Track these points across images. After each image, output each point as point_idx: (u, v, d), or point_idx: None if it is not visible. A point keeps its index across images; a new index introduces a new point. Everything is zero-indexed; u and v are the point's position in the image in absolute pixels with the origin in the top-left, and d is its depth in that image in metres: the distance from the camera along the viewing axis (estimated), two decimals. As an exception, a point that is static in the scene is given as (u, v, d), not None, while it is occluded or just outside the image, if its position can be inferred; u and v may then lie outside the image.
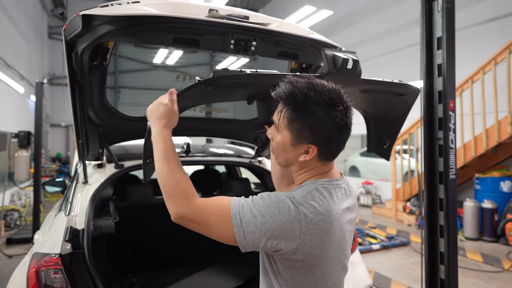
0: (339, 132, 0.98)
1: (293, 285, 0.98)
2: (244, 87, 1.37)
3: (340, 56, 1.26)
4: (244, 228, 0.91)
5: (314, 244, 0.94)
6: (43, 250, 1.65)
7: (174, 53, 2.40)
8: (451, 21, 2.13)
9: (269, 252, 0.96)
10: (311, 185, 0.99)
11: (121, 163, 2.31)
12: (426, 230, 2.25)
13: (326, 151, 1.01)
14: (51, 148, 14.61)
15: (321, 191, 0.98)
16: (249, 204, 0.94)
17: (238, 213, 0.93)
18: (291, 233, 0.91)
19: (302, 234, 0.92)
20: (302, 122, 0.97)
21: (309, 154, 1.00)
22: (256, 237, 0.91)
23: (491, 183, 6.01)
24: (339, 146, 1.02)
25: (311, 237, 0.93)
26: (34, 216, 5.03)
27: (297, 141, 1.00)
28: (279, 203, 0.93)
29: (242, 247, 0.93)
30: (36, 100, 5.00)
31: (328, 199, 0.98)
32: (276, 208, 0.92)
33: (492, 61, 5.68)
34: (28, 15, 11.02)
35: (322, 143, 0.98)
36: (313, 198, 0.96)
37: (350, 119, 1.00)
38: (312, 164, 1.03)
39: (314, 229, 0.93)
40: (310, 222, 0.92)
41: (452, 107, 2.15)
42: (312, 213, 0.93)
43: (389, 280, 4.14)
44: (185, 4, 1.43)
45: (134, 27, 1.36)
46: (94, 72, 1.67)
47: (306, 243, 0.93)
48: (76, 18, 1.31)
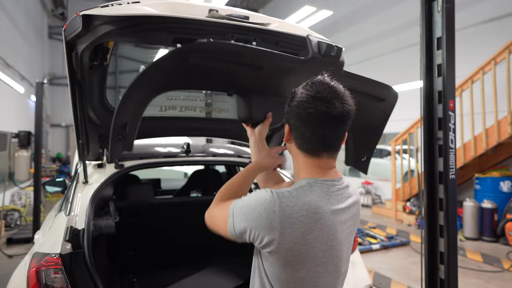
0: (306, 117, 1.00)
1: (280, 283, 0.99)
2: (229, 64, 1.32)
3: (324, 42, 1.27)
4: (234, 219, 1.00)
5: (295, 239, 0.94)
6: (44, 250, 1.65)
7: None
8: (451, 21, 2.13)
9: (255, 244, 1.00)
10: (303, 181, 1.02)
11: (121, 163, 2.31)
12: (426, 230, 2.25)
13: (297, 136, 1.05)
14: (51, 148, 14.61)
15: (311, 188, 0.99)
16: (243, 198, 1.03)
17: (233, 206, 1.02)
18: (268, 225, 0.94)
19: (281, 226, 0.93)
20: (287, 103, 1.09)
21: (285, 134, 1.10)
22: (242, 227, 0.98)
23: (491, 183, 6.01)
24: (309, 135, 1.01)
25: (291, 231, 0.94)
26: (34, 216, 5.03)
27: (285, 122, 1.12)
28: (259, 195, 0.99)
29: (233, 237, 1.01)
30: (36, 100, 5.00)
31: (317, 196, 0.98)
32: (255, 200, 0.98)
33: (492, 61, 5.68)
34: (28, 15, 11.02)
35: (291, 123, 1.06)
36: (298, 193, 0.97)
37: (322, 110, 0.98)
38: (296, 155, 1.09)
39: (294, 223, 0.94)
40: (290, 216, 0.94)
41: (452, 107, 2.16)
42: (293, 208, 0.94)
43: (389, 280, 4.14)
44: (185, 4, 1.44)
45: (134, 27, 1.36)
46: (94, 72, 1.67)
47: (285, 237, 0.93)
48: (76, 18, 1.31)
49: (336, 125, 1.00)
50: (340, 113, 0.99)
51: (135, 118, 1.52)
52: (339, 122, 1.00)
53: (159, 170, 4.54)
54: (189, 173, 4.12)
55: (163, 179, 4.52)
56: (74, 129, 1.89)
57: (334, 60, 1.27)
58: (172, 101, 2.41)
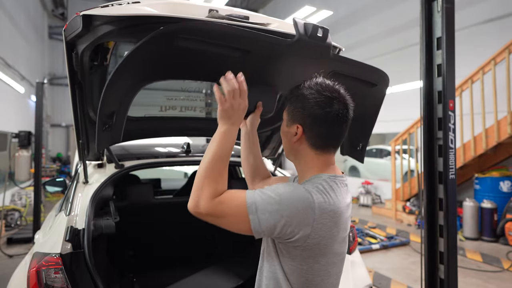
0: (325, 118, 1.05)
1: (297, 274, 1.02)
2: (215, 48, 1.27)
3: (310, 23, 1.26)
4: (260, 216, 0.95)
5: (324, 233, 0.99)
6: (44, 249, 1.66)
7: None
8: (450, 21, 2.13)
9: (281, 239, 0.99)
10: (318, 178, 1.05)
11: (121, 163, 2.32)
12: (425, 230, 2.25)
13: (311, 135, 1.08)
14: (52, 148, 14.61)
15: (329, 184, 1.03)
16: (264, 193, 0.98)
17: (253, 202, 0.96)
18: (305, 220, 0.96)
19: (315, 222, 0.97)
20: (295, 105, 1.10)
21: (297, 135, 1.09)
22: (271, 224, 0.95)
23: (491, 183, 6.02)
24: (326, 134, 1.08)
25: (323, 227, 0.98)
26: (35, 216, 5.03)
27: (289, 122, 1.12)
28: (294, 191, 0.98)
29: (257, 234, 0.97)
30: (37, 100, 5.00)
31: (336, 192, 1.04)
32: (291, 195, 0.97)
33: (492, 61, 5.68)
34: (29, 15, 11.02)
35: (306, 125, 1.07)
36: (322, 190, 1.01)
37: (341, 110, 1.06)
38: (306, 153, 1.10)
39: (326, 218, 0.99)
40: (323, 211, 0.98)
41: (451, 107, 2.16)
42: (324, 203, 0.99)
43: (389, 280, 4.14)
44: (185, 4, 1.44)
45: (135, 27, 1.36)
46: (95, 72, 1.67)
47: (317, 232, 0.98)
48: (76, 18, 1.31)
49: (346, 124, 1.10)
50: (348, 113, 1.09)
51: (122, 107, 1.50)
52: (347, 121, 1.10)
53: (159, 170, 4.55)
54: (189, 173, 4.12)
55: (163, 179, 4.52)
56: (74, 129, 1.90)
57: (321, 42, 1.27)
58: (172, 101, 2.41)
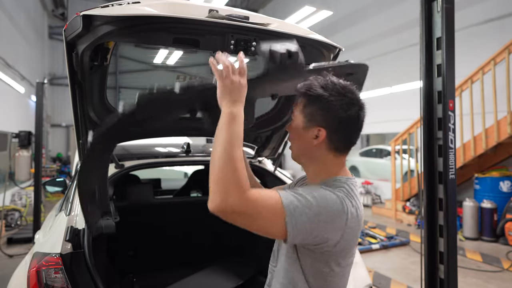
0: (349, 122, 1.04)
1: (318, 276, 1.01)
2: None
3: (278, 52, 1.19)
4: (297, 219, 0.90)
5: (351, 237, 1.00)
6: (44, 249, 1.66)
7: (174, 53, 2.40)
8: (450, 21, 2.13)
9: (311, 244, 0.96)
10: (339, 182, 1.03)
11: (121, 163, 2.32)
12: (425, 230, 2.25)
13: (335, 139, 1.04)
14: (52, 148, 14.61)
15: (350, 187, 1.03)
16: (299, 194, 0.95)
17: (290, 203, 0.92)
18: (339, 225, 0.95)
19: (346, 227, 0.97)
20: (315, 106, 1.04)
21: (319, 138, 1.04)
22: (307, 229, 0.92)
23: (491, 183, 6.02)
24: (348, 137, 1.07)
25: (351, 231, 0.98)
26: (35, 216, 5.03)
27: (308, 124, 1.05)
28: (327, 195, 0.96)
29: (291, 239, 0.92)
30: (37, 100, 5.01)
31: (357, 195, 1.04)
32: (326, 200, 0.95)
33: (492, 61, 5.68)
34: (29, 15, 11.02)
35: (330, 128, 1.03)
36: (347, 194, 1.00)
37: (362, 115, 1.06)
38: (324, 156, 1.07)
39: (353, 223, 0.99)
40: (352, 216, 0.98)
41: (451, 107, 2.16)
42: (352, 207, 0.99)
43: (388, 280, 4.14)
44: (185, 4, 1.44)
45: (135, 27, 1.36)
46: (95, 72, 1.67)
47: (346, 236, 0.97)
48: (76, 19, 1.31)
49: (362, 125, 1.08)
50: (364, 114, 1.08)
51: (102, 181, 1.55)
52: (363, 123, 1.08)
53: (159, 170, 4.54)
54: (189, 173, 4.12)
55: (163, 179, 4.52)
56: (74, 129, 1.90)
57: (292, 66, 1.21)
58: (172, 101, 2.41)
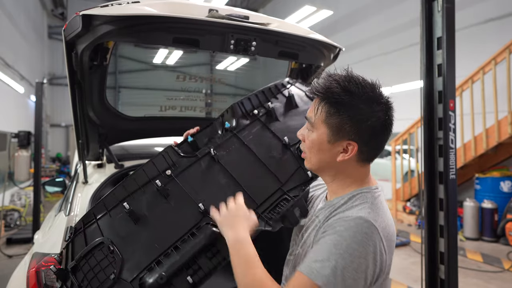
0: (381, 129, 0.90)
1: None
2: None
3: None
4: (345, 284, 0.79)
5: (390, 260, 0.89)
6: (43, 250, 1.65)
7: (174, 53, 2.40)
8: (451, 21, 2.13)
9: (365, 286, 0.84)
10: (367, 195, 0.92)
11: (121, 163, 2.31)
12: (426, 230, 2.25)
13: (366, 150, 0.92)
14: (51, 148, 14.60)
15: (379, 200, 0.93)
16: (329, 263, 0.80)
17: (330, 283, 0.79)
18: (381, 258, 0.84)
19: (386, 253, 0.86)
20: (342, 116, 0.88)
21: (348, 152, 0.90)
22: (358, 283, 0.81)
23: (491, 183, 6.01)
24: (380, 146, 0.94)
25: (390, 255, 0.88)
26: (34, 216, 5.02)
27: (335, 138, 0.91)
28: (356, 236, 0.81)
29: None
30: (36, 100, 5.00)
31: (386, 207, 0.93)
32: (357, 243, 0.81)
33: (492, 61, 5.68)
34: (28, 15, 11.02)
35: (363, 140, 0.89)
36: (381, 211, 0.89)
37: (392, 116, 0.92)
38: (350, 167, 0.94)
39: (390, 246, 0.88)
40: (387, 239, 0.87)
41: (452, 107, 2.15)
42: (385, 229, 0.87)
43: (389, 280, 4.14)
44: (185, 4, 1.44)
45: (134, 27, 1.36)
46: (94, 72, 1.67)
47: (387, 262, 0.87)
48: (76, 18, 1.31)
49: (392, 127, 0.94)
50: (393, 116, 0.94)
51: None
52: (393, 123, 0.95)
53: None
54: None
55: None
56: (74, 129, 1.89)
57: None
58: (172, 101, 2.41)
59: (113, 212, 1.20)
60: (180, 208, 1.21)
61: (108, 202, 1.23)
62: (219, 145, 1.36)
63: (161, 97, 2.43)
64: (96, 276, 1.08)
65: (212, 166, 1.31)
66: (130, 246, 1.14)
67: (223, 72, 2.74)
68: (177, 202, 1.22)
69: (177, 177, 1.27)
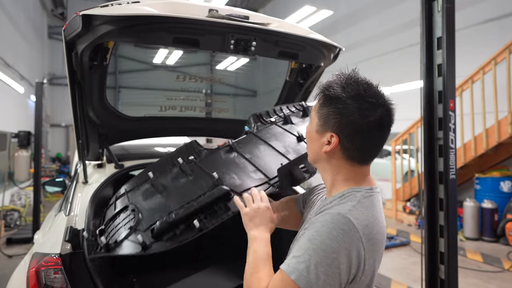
0: (367, 127, 0.89)
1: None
2: None
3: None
4: (317, 284, 0.81)
5: (374, 260, 0.88)
6: (43, 250, 1.65)
7: (174, 53, 2.40)
8: (451, 21, 2.13)
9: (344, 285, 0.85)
10: (356, 194, 0.92)
11: (121, 163, 2.31)
12: (426, 230, 2.25)
13: (349, 146, 0.92)
14: (51, 148, 14.60)
15: (369, 200, 0.92)
16: (304, 258, 0.83)
17: (302, 276, 0.82)
18: (359, 256, 0.84)
19: (366, 251, 0.85)
20: (330, 107, 0.92)
21: (331, 145, 0.92)
22: (332, 284, 0.82)
23: (491, 183, 6.01)
24: (366, 146, 0.93)
25: (373, 253, 0.88)
26: (34, 216, 5.03)
27: (322, 128, 0.95)
28: (331, 232, 0.83)
29: None
30: (36, 100, 5.00)
31: (378, 208, 0.93)
32: (331, 240, 0.82)
33: (492, 61, 5.68)
34: (28, 15, 11.02)
35: (344, 134, 0.90)
36: (366, 209, 0.89)
37: (386, 119, 0.91)
38: (339, 163, 0.95)
39: (374, 243, 0.88)
40: (369, 237, 0.86)
41: (452, 107, 2.15)
42: (368, 227, 0.87)
43: (389, 280, 4.14)
44: (185, 4, 1.44)
45: (134, 27, 1.36)
46: (94, 72, 1.67)
47: (369, 261, 0.87)
48: (76, 18, 1.31)
49: (388, 130, 0.94)
50: (391, 118, 0.93)
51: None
52: (390, 127, 0.94)
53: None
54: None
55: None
56: (74, 129, 1.89)
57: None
58: (172, 101, 2.41)
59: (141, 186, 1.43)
60: (197, 180, 1.37)
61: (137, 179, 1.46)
62: (238, 141, 1.56)
63: (161, 97, 2.43)
64: (117, 231, 1.25)
65: (230, 153, 1.50)
66: (150, 208, 1.29)
67: (223, 72, 2.74)
68: (196, 177, 1.38)
69: (198, 162, 1.46)
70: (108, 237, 1.25)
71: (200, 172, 1.39)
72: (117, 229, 1.26)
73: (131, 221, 1.26)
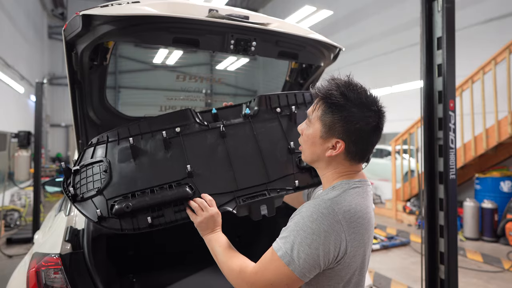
0: (369, 133, 0.99)
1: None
2: None
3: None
4: (298, 262, 0.90)
5: (358, 243, 0.95)
6: (43, 250, 1.65)
7: (174, 53, 2.40)
8: (451, 21, 2.13)
9: (324, 266, 0.93)
10: (345, 185, 1.00)
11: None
12: (426, 230, 2.25)
13: (353, 150, 1.00)
14: (51, 148, 14.60)
15: (356, 190, 1.00)
16: (289, 239, 0.93)
17: (286, 254, 0.92)
18: (338, 238, 0.91)
19: (347, 234, 0.92)
20: (335, 115, 0.98)
21: (336, 149, 1.00)
22: (312, 263, 0.90)
23: (491, 183, 6.01)
24: (367, 148, 1.02)
25: (355, 236, 0.94)
26: (34, 216, 5.03)
27: (327, 134, 1.01)
28: (312, 215, 0.92)
29: (306, 279, 0.93)
30: (36, 100, 5.00)
31: (363, 197, 1.00)
32: (312, 222, 0.91)
33: (492, 61, 5.68)
34: (28, 15, 11.02)
35: (350, 140, 0.99)
36: (349, 196, 0.97)
37: (381, 123, 1.01)
38: (338, 162, 1.03)
39: (356, 227, 0.94)
40: (351, 221, 0.93)
41: (452, 107, 2.15)
42: (350, 211, 0.94)
43: (389, 280, 4.14)
44: (185, 4, 1.44)
45: (134, 27, 1.36)
46: (94, 72, 1.67)
47: (352, 243, 0.93)
48: (76, 18, 1.31)
49: (381, 135, 1.04)
50: (383, 122, 1.02)
51: None
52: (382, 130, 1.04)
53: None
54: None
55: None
56: (74, 129, 1.89)
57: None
58: (172, 101, 2.41)
59: (122, 141, 1.39)
60: (172, 161, 1.37)
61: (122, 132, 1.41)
62: (231, 124, 1.49)
63: (161, 97, 2.43)
64: (87, 184, 1.29)
65: (217, 140, 1.44)
66: (120, 174, 1.32)
67: (223, 72, 2.74)
68: (173, 156, 1.38)
69: (183, 136, 1.43)
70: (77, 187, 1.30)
71: (178, 153, 1.39)
72: (86, 183, 1.30)
73: (100, 181, 1.29)
